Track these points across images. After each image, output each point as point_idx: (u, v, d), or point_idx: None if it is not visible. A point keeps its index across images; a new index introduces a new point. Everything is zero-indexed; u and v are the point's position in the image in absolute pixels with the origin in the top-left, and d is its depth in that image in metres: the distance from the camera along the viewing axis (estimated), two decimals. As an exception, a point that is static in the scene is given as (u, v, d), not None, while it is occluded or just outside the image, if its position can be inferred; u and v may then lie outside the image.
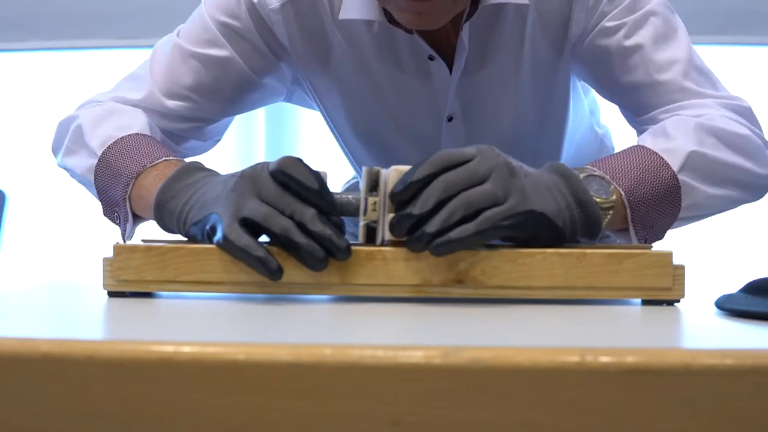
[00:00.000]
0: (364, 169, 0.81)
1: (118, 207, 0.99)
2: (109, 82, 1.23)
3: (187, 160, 0.99)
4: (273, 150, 2.35)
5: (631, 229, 0.90)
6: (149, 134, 1.04)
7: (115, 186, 0.99)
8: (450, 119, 1.17)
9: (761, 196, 1.05)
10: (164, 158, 0.97)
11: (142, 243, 0.80)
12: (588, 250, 0.78)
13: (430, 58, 1.11)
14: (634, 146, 0.96)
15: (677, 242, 0.98)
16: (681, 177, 0.93)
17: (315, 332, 0.65)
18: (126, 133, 1.02)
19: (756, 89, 2.30)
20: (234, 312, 0.73)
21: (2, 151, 2.49)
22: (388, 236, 0.79)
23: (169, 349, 0.51)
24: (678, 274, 0.77)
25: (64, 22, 2.34)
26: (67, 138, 1.12)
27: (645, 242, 0.93)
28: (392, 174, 0.79)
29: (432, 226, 0.75)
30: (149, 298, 0.80)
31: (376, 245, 0.79)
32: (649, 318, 0.72)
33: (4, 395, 0.52)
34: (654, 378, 0.50)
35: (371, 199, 0.80)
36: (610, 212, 0.87)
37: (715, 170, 0.97)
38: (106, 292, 0.80)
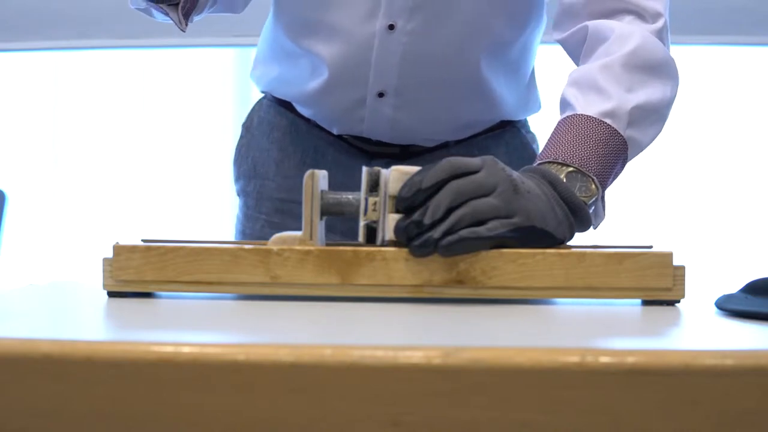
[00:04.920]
0: (364, 169, 0.81)
1: None
2: (109, 82, 1.23)
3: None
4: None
5: (599, 203, 0.95)
6: None
7: None
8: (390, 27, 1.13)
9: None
10: None
11: (142, 243, 0.80)
12: (588, 251, 0.78)
13: None
14: (576, 116, 0.98)
15: (677, 242, 0.99)
16: (627, 134, 0.98)
17: (315, 332, 0.65)
18: None
19: (756, 89, 2.30)
20: (234, 312, 0.73)
21: (2, 151, 2.49)
22: (388, 236, 0.79)
23: (169, 349, 0.51)
24: (678, 274, 0.77)
25: (64, 22, 2.34)
26: None
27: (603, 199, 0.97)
28: (393, 174, 0.79)
29: (439, 232, 0.76)
30: (149, 298, 0.80)
31: (376, 245, 0.79)
32: (649, 318, 0.72)
33: (4, 395, 0.52)
34: (654, 378, 0.50)
35: (371, 199, 0.80)
36: (594, 200, 0.92)
37: (652, 115, 1.01)
38: (106, 292, 0.80)
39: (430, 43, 1.12)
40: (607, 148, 0.95)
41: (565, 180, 0.90)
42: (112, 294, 0.80)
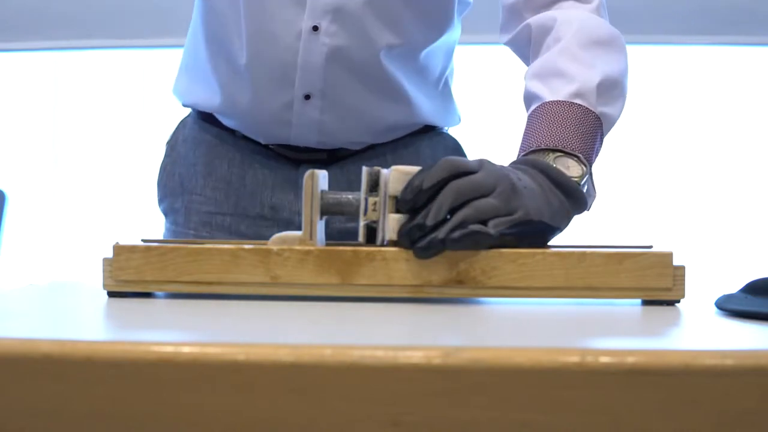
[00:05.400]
0: (364, 169, 0.81)
1: None
2: (109, 82, 1.23)
3: None
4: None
5: (589, 180, 0.95)
6: None
7: None
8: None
9: None
10: None
11: (142, 243, 0.80)
12: (588, 251, 0.78)
13: None
14: (546, 104, 0.99)
15: (677, 242, 0.99)
16: (599, 111, 0.99)
17: (315, 332, 0.65)
18: None
19: (756, 89, 2.30)
20: (234, 312, 0.73)
21: (2, 151, 2.49)
22: (388, 236, 0.79)
23: (169, 349, 0.51)
24: (678, 274, 0.77)
25: (64, 22, 2.34)
26: None
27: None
28: (393, 174, 0.79)
29: (443, 232, 0.76)
30: (149, 298, 0.80)
31: (376, 245, 0.79)
32: (649, 318, 0.72)
33: (4, 395, 0.52)
34: (654, 378, 0.50)
35: (371, 199, 0.80)
36: (585, 179, 0.93)
37: (616, 86, 1.03)
38: (106, 292, 0.80)
39: (349, 43, 1.13)
40: (584, 127, 0.97)
41: (555, 165, 0.90)
42: (112, 294, 0.80)
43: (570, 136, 0.95)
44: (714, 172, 2.41)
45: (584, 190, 0.90)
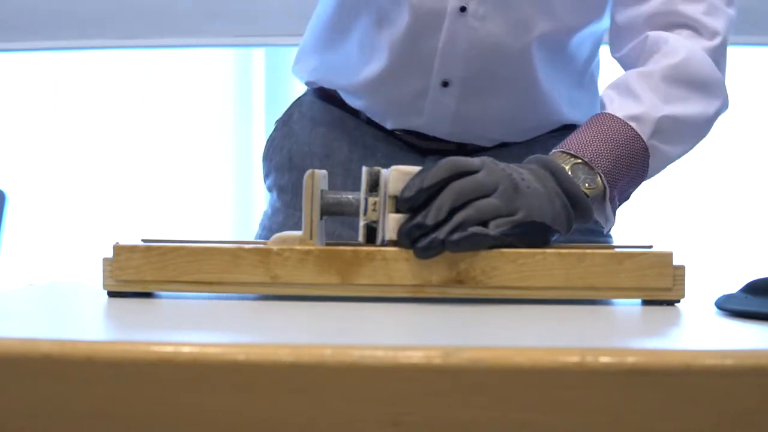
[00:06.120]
0: (364, 169, 0.81)
1: None
2: (109, 82, 1.23)
3: None
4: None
5: (608, 205, 0.93)
6: None
7: None
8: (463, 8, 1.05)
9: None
10: None
11: (142, 243, 0.80)
12: (588, 251, 0.78)
13: None
14: (603, 115, 0.96)
15: (677, 242, 0.99)
16: (650, 143, 0.95)
17: (315, 332, 0.65)
18: None
19: (756, 89, 2.30)
20: (234, 312, 0.73)
21: (2, 151, 2.49)
22: (388, 236, 0.79)
23: (169, 349, 0.51)
24: (678, 274, 0.77)
25: (64, 22, 2.34)
26: None
27: (616, 209, 0.95)
28: (392, 174, 0.79)
29: (443, 233, 0.76)
30: (149, 298, 0.80)
31: (376, 245, 0.79)
32: (649, 318, 0.72)
33: (4, 395, 0.52)
34: (654, 378, 0.50)
35: (371, 199, 0.80)
36: (599, 196, 0.91)
37: (683, 129, 0.99)
38: (106, 292, 0.80)
39: (499, 29, 1.06)
40: (625, 150, 0.93)
41: (569, 171, 0.88)
42: (112, 294, 0.80)
43: (601, 152, 0.92)
44: (714, 172, 2.41)
45: (591, 205, 0.88)
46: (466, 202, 0.78)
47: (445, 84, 1.08)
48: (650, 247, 0.81)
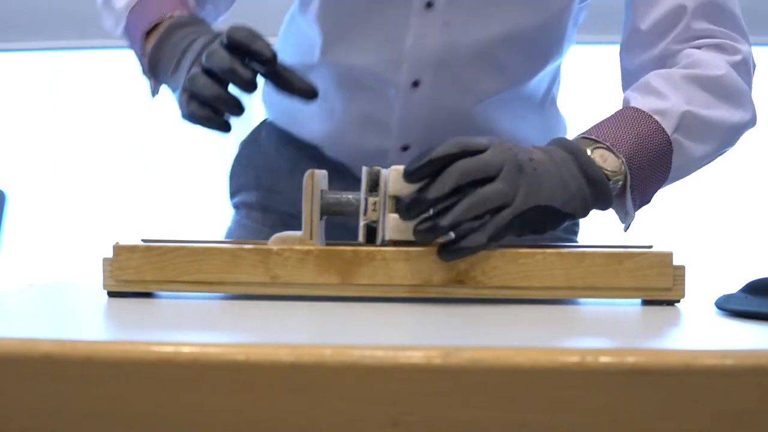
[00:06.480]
0: (364, 169, 0.81)
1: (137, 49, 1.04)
2: (109, 82, 1.23)
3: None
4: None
5: (628, 195, 0.90)
6: None
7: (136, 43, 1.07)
8: (429, 5, 1.03)
9: (737, 142, 1.04)
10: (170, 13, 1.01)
11: (142, 243, 0.80)
12: (588, 251, 0.78)
13: None
14: (627, 108, 0.95)
15: (677, 242, 0.98)
16: (674, 137, 0.94)
17: (315, 332, 0.65)
18: None
19: (756, 89, 2.30)
20: (234, 312, 0.73)
21: (2, 151, 2.49)
22: (388, 236, 0.79)
23: (169, 349, 0.51)
24: (678, 274, 0.77)
25: (64, 22, 2.34)
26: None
27: (637, 208, 0.93)
28: (392, 174, 0.79)
29: (446, 220, 0.75)
30: (149, 298, 0.80)
31: (376, 245, 0.79)
32: (649, 318, 0.72)
33: (4, 395, 0.52)
34: (654, 378, 0.50)
35: (371, 199, 0.80)
36: (619, 183, 0.87)
37: (707, 130, 0.97)
38: (106, 292, 0.80)
39: (453, 97, 1.06)
40: (648, 141, 0.91)
41: (590, 153, 0.86)
42: (112, 294, 0.80)
43: (624, 139, 0.90)
44: (714, 172, 2.41)
45: (611, 189, 0.85)
46: (471, 183, 0.77)
47: (405, 148, 1.09)
48: (650, 247, 0.81)
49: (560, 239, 1.15)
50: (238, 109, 0.85)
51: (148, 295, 0.80)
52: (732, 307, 0.72)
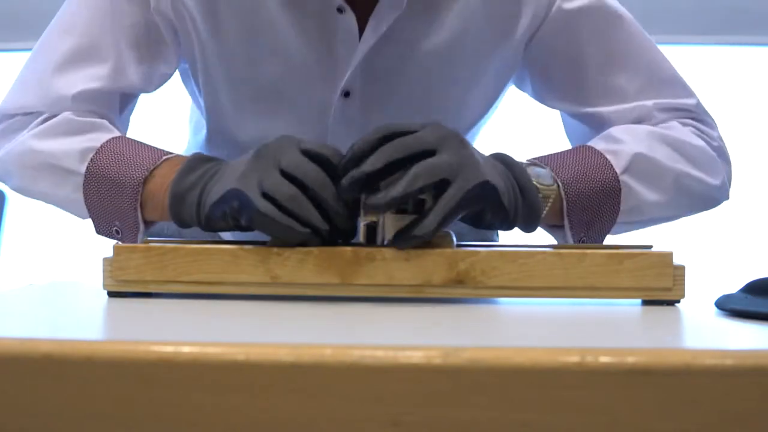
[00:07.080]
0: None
1: (122, 218, 0.93)
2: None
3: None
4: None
5: (566, 222, 0.90)
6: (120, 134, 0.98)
7: (118, 197, 0.92)
8: (346, 94, 1.01)
9: (713, 206, 1.03)
10: (164, 158, 0.92)
11: (142, 243, 0.80)
12: (588, 251, 0.78)
13: (339, 10, 0.95)
14: (580, 146, 0.96)
15: (677, 242, 0.98)
16: (623, 178, 0.92)
17: (315, 332, 0.65)
18: (101, 142, 0.94)
19: (756, 89, 2.30)
20: (234, 312, 0.73)
21: (2, 151, 2.49)
22: (388, 236, 0.79)
23: (169, 349, 0.51)
24: (678, 274, 0.77)
25: (64, 22, 2.33)
26: (18, 165, 1.05)
27: (581, 242, 0.92)
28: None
29: (396, 190, 0.74)
30: (149, 298, 0.80)
31: (376, 245, 0.79)
32: (649, 318, 0.72)
33: (4, 395, 0.52)
34: (654, 378, 0.50)
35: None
36: (550, 201, 0.87)
37: (661, 175, 0.95)
38: (106, 292, 0.80)
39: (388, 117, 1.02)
40: (593, 173, 0.91)
41: (525, 167, 0.85)
42: (112, 294, 0.80)
43: (567, 166, 0.89)
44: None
45: (541, 202, 0.85)
46: (408, 156, 0.75)
47: None
48: (650, 247, 0.81)
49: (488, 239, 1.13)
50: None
51: (148, 295, 0.80)
52: (732, 307, 0.72)
